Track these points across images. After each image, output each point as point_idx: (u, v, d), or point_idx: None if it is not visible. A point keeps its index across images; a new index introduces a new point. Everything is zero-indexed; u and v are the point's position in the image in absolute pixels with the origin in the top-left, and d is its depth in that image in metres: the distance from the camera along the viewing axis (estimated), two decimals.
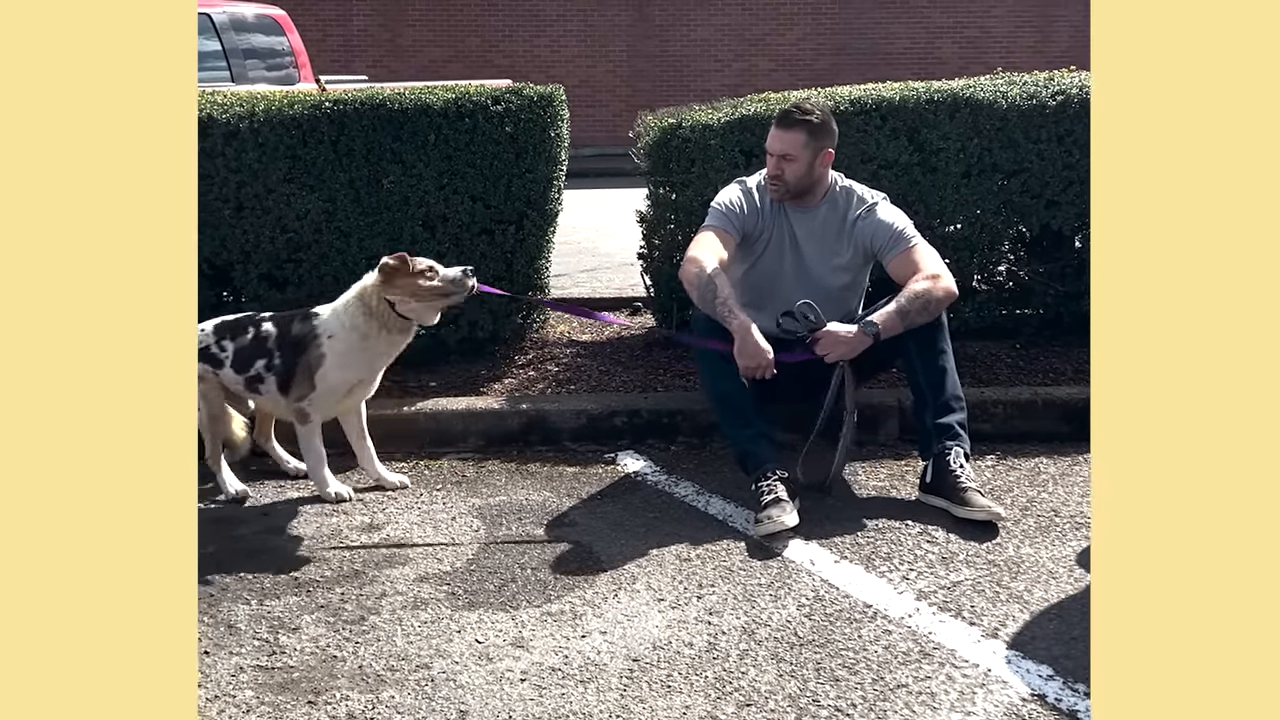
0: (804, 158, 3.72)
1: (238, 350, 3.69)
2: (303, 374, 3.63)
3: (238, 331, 3.72)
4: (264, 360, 3.67)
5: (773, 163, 3.76)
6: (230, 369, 3.69)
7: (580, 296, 6.06)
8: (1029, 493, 3.63)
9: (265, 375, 3.67)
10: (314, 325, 3.66)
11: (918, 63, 15.13)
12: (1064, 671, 2.57)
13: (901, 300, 3.55)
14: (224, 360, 3.69)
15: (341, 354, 3.62)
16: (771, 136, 3.77)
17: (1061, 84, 4.75)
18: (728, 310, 3.51)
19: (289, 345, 3.66)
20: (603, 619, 2.88)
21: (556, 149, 4.80)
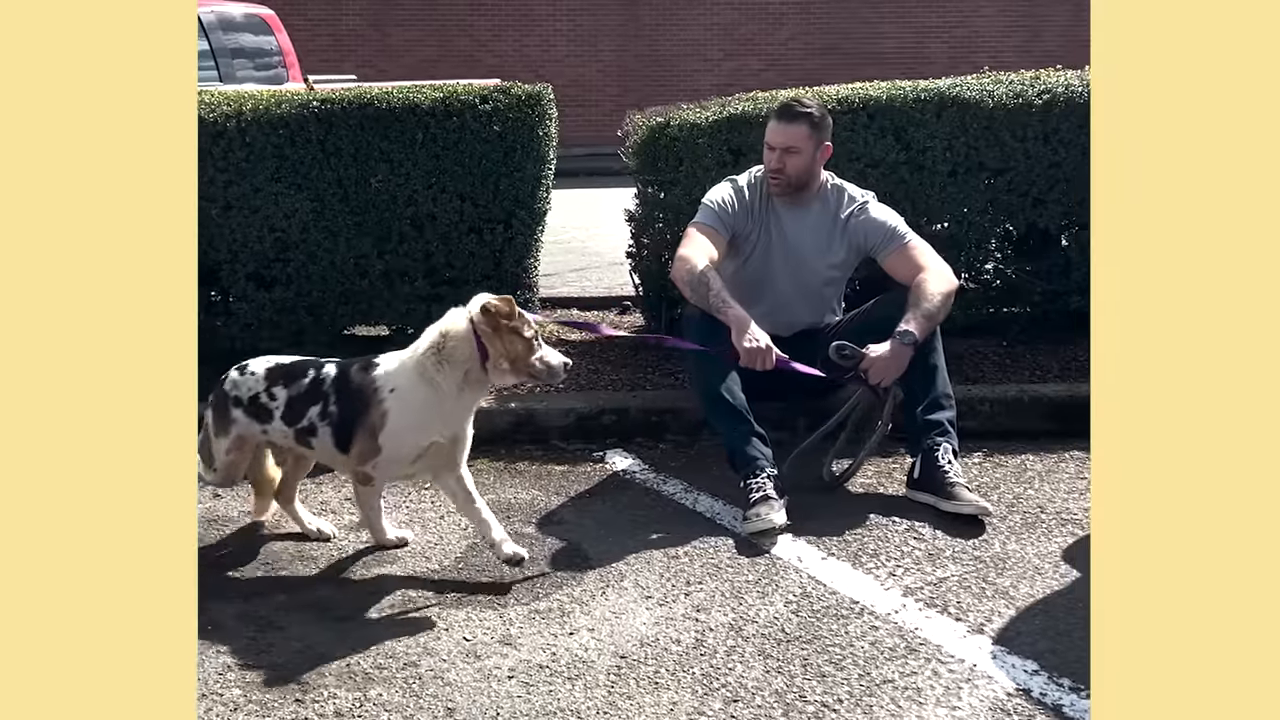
0: (807, 151, 3.75)
1: (291, 399, 3.15)
2: (365, 434, 3.07)
3: (292, 377, 3.19)
4: (318, 407, 3.12)
5: (774, 156, 3.76)
6: (280, 421, 3.16)
7: (570, 295, 6.06)
8: (1015, 489, 3.65)
9: (319, 425, 3.12)
10: (373, 377, 3.09)
11: (907, 62, 15.13)
12: (1049, 666, 2.59)
13: (925, 304, 3.57)
14: (274, 411, 3.16)
15: (410, 411, 3.04)
16: (773, 130, 3.78)
17: (1047, 83, 4.77)
18: (722, 303, 3.52)
19: (349, 395, 3.11)
20: (590, 616, 2.89)
21: (545, 148, 4.80)
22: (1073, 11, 16.86)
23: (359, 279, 4.65)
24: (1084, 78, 4.81)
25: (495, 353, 2.99)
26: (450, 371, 3.00)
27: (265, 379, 3.20)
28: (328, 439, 3.13)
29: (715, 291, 3.55)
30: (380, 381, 3.07)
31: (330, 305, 4.67)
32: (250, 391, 3.20)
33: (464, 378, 3.02)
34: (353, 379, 3.12)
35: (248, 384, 3.22)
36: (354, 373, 3.13)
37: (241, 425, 3.22)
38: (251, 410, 3.20)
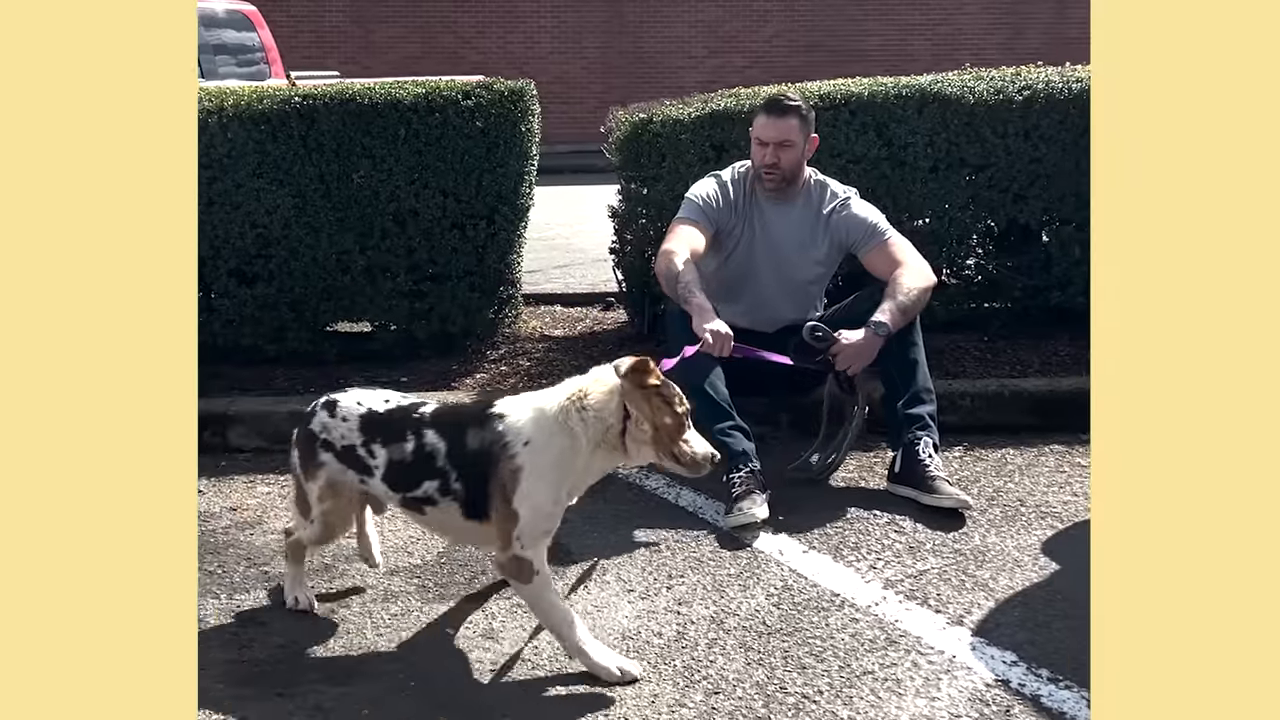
0: (799, 144, 3.78)
1: (393, 463, 2.73)
2: (498, 498, 2.62)
3: (392, 436, 2.74)
4: (437, 482, 2.69)
5: (768, 151, 3.77)
6: (382, 481, 2.75)
7: (554, 292, 6.07)
8: (995, 483, 3.67)
9: (439, 498, 2.70)
10: (500, 431, 2.64)
11: (890, 59, 15.19)
12: (1027, 657, 2.60)
13: (900, 298, 3.59)
14: (374, 470, 2.75)
15: (548, 466, 2.60)
16: (764, 125, 3.78)
17: (1028, 79, 4.79)
18: (688, 291, 3.53)
19: (472, 460, 2.65)
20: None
21: (528, 144, 4.80)
22: (1055, 9, 16.95)
23: (341, 275, 4.65)
24: (1065, 74, 4.83)
25: (639, 416, 2.61)
26: (592, 426, 2.60)
27: (361, 431, 2.77)
28: (453, 509, 2.69)
29: (684, 283, 3.55)
30: (510, 436, 2.62)
31: (312, 301, 4.67)
32: (343, 440, 2.77)
33: (601, 437, 2.63)
34: (470, 442, 2.65)
35: (339, 430, 2.78)
36: (471, 434, 2.66)
37: (333, 470, 2.78)
38: (346, 458, 2.78)
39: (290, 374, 4.59)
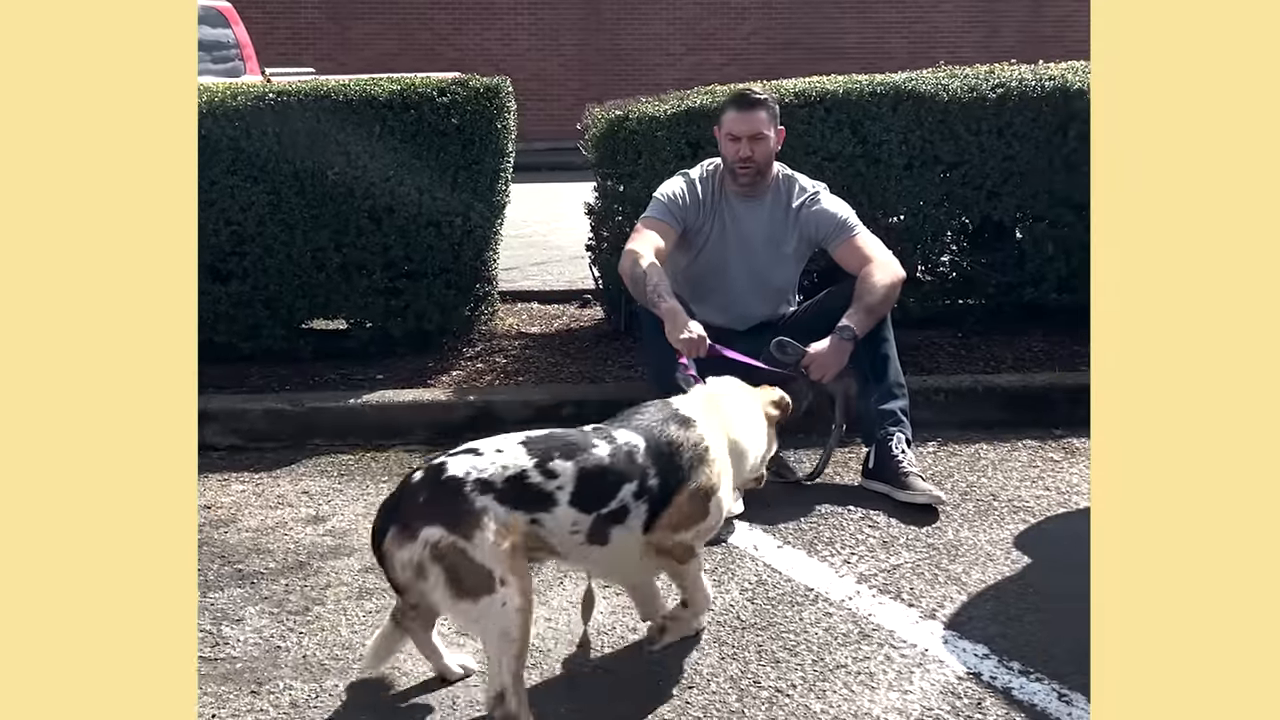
0: (770, 135, 3.78)
1: (583, 475, 2.38)
2: (695, 502, 2.52)
3: (573, 449, 2.41)
4: (634, 484, 2.44)
5: (741, 145, 3.77)
6: (570, 506, 2.36)
7: (531, 289, 6.07)
8: (969, 478, 3.70)
9: (633, 505, 2.43)
10: (701, 434, 2.57)
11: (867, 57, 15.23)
12: (999, 650, 2.63)
13: (867, 298, 3.60)
14: (558, 497, 2.35)
15: (728, 474, 2.63)
16: (736, 120, 3.78)
17: (1001, 77, 4.82)
18: (658, 296, 3.52)
19: (669, 458, 2.50)
20: (548, 606, 2.90)
21: (504, 141, 4.80)
22: (1030, 7, 17.04)
23: (316, 272, 4.63)
24: (1037, 72, 4.87)
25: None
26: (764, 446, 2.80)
27: (529, 454, 2.37)
28: (638, 522, 2.46)
29: (652, 286, 3.54)
30: (709, 440, 2.58)
31: (287, 298, 4.65)
32: (506, 470, 2.33)
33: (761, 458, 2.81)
34: (675, 437, 2.53)
35: (494, 462, 2.34)
36: (674, 430, 2.54)
37: (499, 514, 2.29)
38: (510, 494, 2.32)
39: (265, 372, 4.57)
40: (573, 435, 2.47)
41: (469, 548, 2.22)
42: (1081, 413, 4.18)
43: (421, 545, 2.24)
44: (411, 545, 2.25)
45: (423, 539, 2.24)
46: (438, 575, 2.24)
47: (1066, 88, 4.72)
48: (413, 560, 2.25)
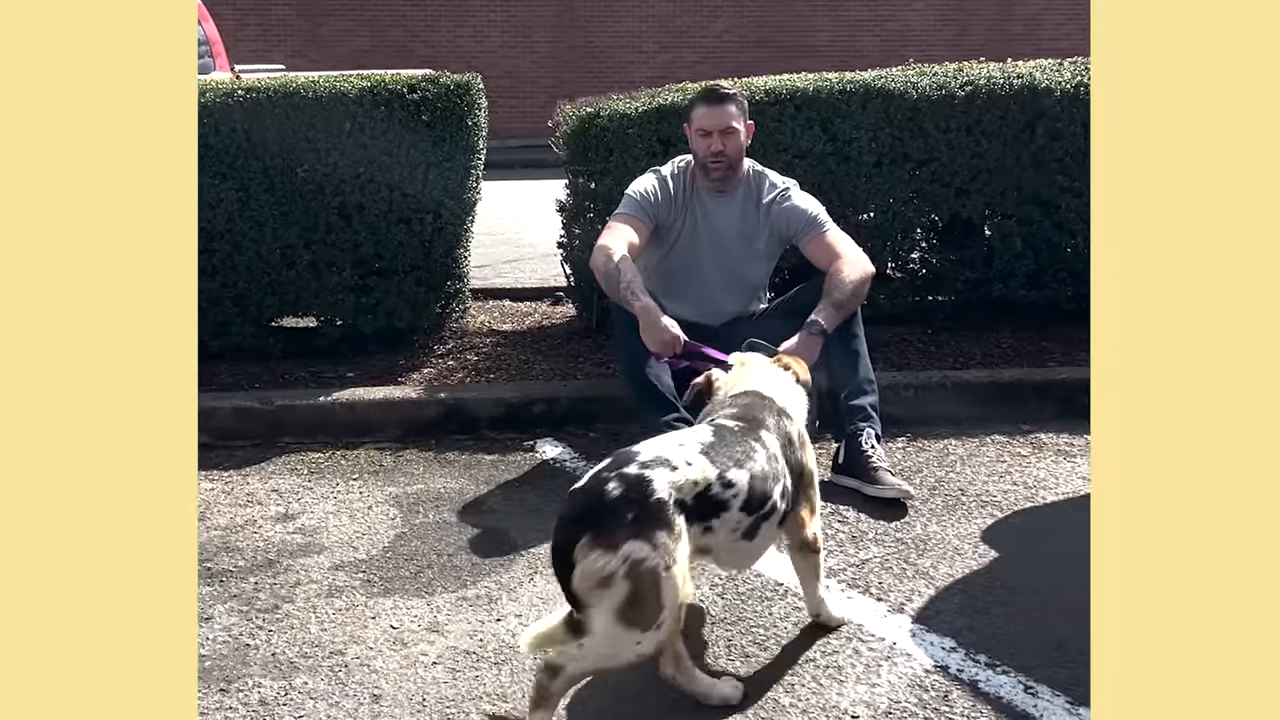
0: (741, 130, 3.80)
1: (752, 482, 2.41)
2: (811, 487, 2.68)
3: (743, 458, 2.43)
4: (781, 484, 2.50)
5: (713, 140, 3.78)
6: (740, 511, 2.39)
7: (503, 287, 6.05)
8: (937, 473, 3.73)
9: (780, 503, 2.50)
10: (793, 419, 2.69)
11: (839, 55, 15.29)
12: (966, 644, 2.65)
13: (836, 294, 3.61)
14: (731, 504, 2.37)
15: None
16: (706, 115, 3.79)
17: (969, 75, 4.85)
18: (631, 294, 3.53)
19: (790, 451, 2.60)
20: (518, 603, 2.90)
21: (474, 138, 4.79)
22: (1000, 6, 17.14)
23: (286, 269, 4.61)
24: (1005, 70, 4.90)
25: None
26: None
27: (713, 465, 2.36)
28: (778, 516, 2.52)
29: (625, 284, 3.55)
30: (800, 425, 2.69)
31: (256, 296, 4.63)
32: (697, 486, 2.31)
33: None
34: (788, 431, 2.62)
35: (688, 476, 2.30)
36: (785, 424, 2.63)
37: (688, 537, 2.28)
38: (696, 509, 2.31)
39: (234, 370, 4.55)
40: (737, 442, 2.46)
41: (663, 579, 2.18)
42: (1050, 408, 4.24)
43: (621, 559, 2.16)
44: (609, 556, 2.15)
45: (624, 553, 2.16)
46: (621, 593, 2.17)
47: (1034, 86, 4.76)
48: (604, 571, 2.16)
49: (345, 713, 2.44)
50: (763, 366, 2.87)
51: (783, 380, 2.81)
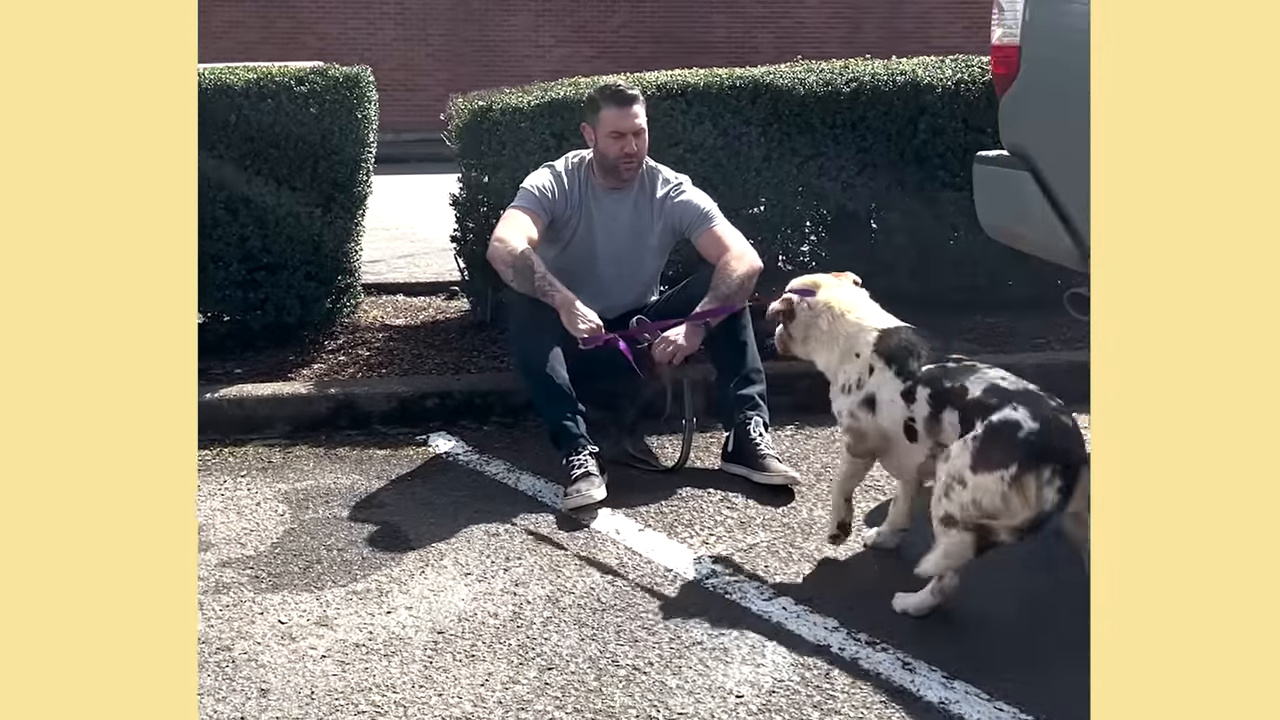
0: (647, 128, 3.85)
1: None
2: None
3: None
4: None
5: (626, 142, 3.80)
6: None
7: (397, 281, 6.01)
8: (824, 459, 3.82)
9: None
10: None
11: (735, 51, 15.44)
12: (848, 623, 2.73)
13: (722, 288, 3.68)
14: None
15: None
16: (618, 117, 3.81)
17: (855, 72, 4.97)
18: (548, 285, 3.58)
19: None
20: (409, 595, 2.91)
21: (364, 131, 4.76)
22: (891, 4, 17.49)
23: None
24: (890, 67, 5.02)
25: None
26: None
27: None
28: None
29: (540, 274, 3.59)
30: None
31: None
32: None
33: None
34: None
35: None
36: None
37: None
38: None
39: None
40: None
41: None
42: None
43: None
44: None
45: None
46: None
47: (917, 82, 4.89)
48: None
49: (233, 707, 2.42)
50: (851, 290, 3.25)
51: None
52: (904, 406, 2.85)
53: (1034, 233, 3.58)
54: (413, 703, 2.42)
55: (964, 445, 2.62)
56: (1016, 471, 2.52)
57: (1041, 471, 2.51)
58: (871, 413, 2.94)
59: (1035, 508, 2.52)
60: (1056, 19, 3.46)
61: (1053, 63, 3.45)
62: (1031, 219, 3.54)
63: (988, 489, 2.55)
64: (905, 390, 2.85)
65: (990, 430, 2.59)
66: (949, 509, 2.61)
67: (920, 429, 2.81)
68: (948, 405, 2.73)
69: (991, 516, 2.57)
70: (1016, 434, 2.56)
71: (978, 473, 2.56)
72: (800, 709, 2.39)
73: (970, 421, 2.65)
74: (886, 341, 2.98)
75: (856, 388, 2.99)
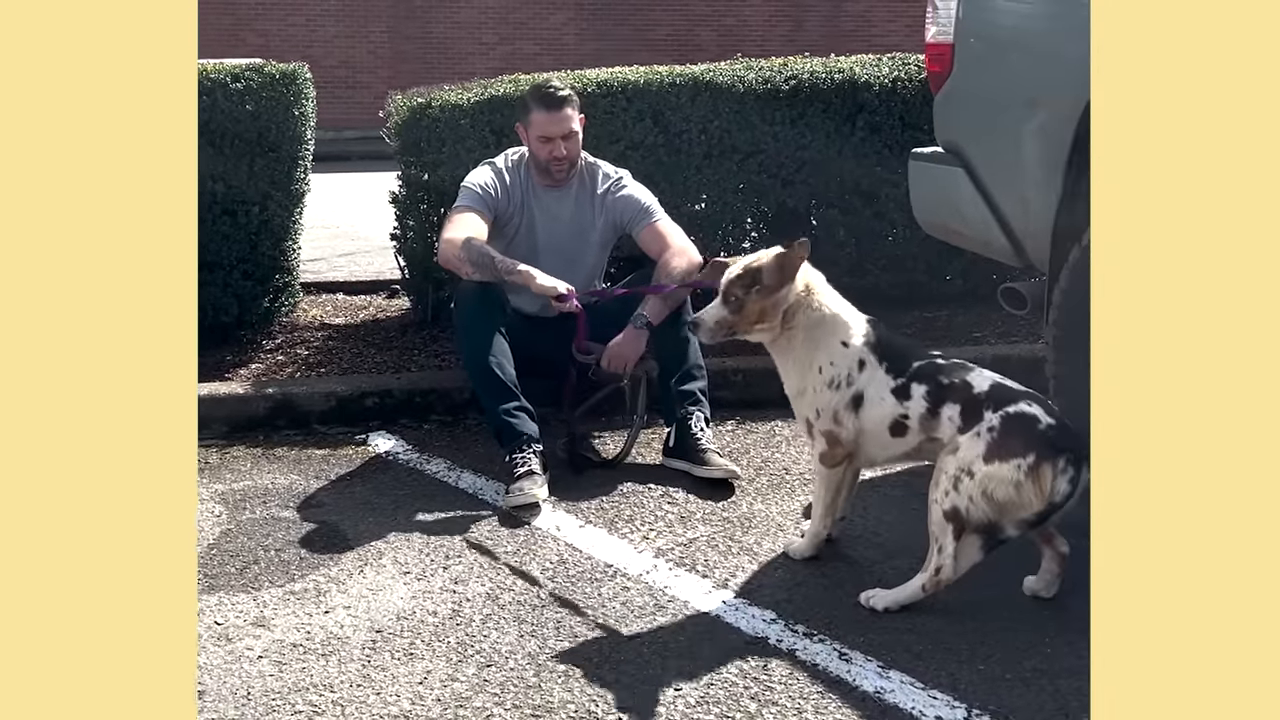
0: (580, 130, 3.84)
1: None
2: None
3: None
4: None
5: (555, 145, 3.79)
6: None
7: (337, 280, 5.97)
8: (764, 453, 3.85)
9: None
10: None
11: (678, 49, 15.48)
12: (785, 615, 2.76)
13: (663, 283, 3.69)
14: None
15: None
16: (549, 121, 3.78)
17: (794, 69, 5.01)
18: (508, 266, 3.60)
19: None
20: (347, 594, 2.89)
21: (302, 128, 4.72)
22: (832, 3, 17.63)
23: None
24: (828, 65, 5.06)
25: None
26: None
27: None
28: None
29: (499, 259, 3.61)
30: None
31: None
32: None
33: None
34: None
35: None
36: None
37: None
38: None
39: None
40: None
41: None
42: None
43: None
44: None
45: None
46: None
47: (855, 80, 4.94)
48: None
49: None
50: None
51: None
52: (895, 403, 2.81)
53: (968, 228, 3.63)
54: (350, 702, 2.41)
55: (976, 437, 2.64)
56: (1034, 461, 2.57)
57: (1057, 461, 2.56)
58: (856, 413, 2.88)
59: (1048, 498, 2.57)
60: (989, 16, 3.51)
61: (985, 60, 3.50)
62: (966, 215, 3.59)
63: (1001, 479, 2.58)
64: (898, 387, 2.82)
65: (1008, 421, 2.63)
66: (956, 502, 2.63)
67: (914, 424, 2.79)
68: (948, 400, 2.73)
69: (1002, 508, 2.60)
70: (1036, 426, 2.61)
71: (990, 463, 2.60)
72: (738, 701, 2.41)
73: (976, 415, 2.67)
74: (877, 334, 2.91)
75: (846, 384, 2.88)
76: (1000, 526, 2.63)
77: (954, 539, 2.66)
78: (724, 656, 2.57)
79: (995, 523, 2.63)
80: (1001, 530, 2.64)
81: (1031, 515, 2.60)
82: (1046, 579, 2.78)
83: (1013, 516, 2.61)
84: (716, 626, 2.71)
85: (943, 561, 2.68)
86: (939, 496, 2.67)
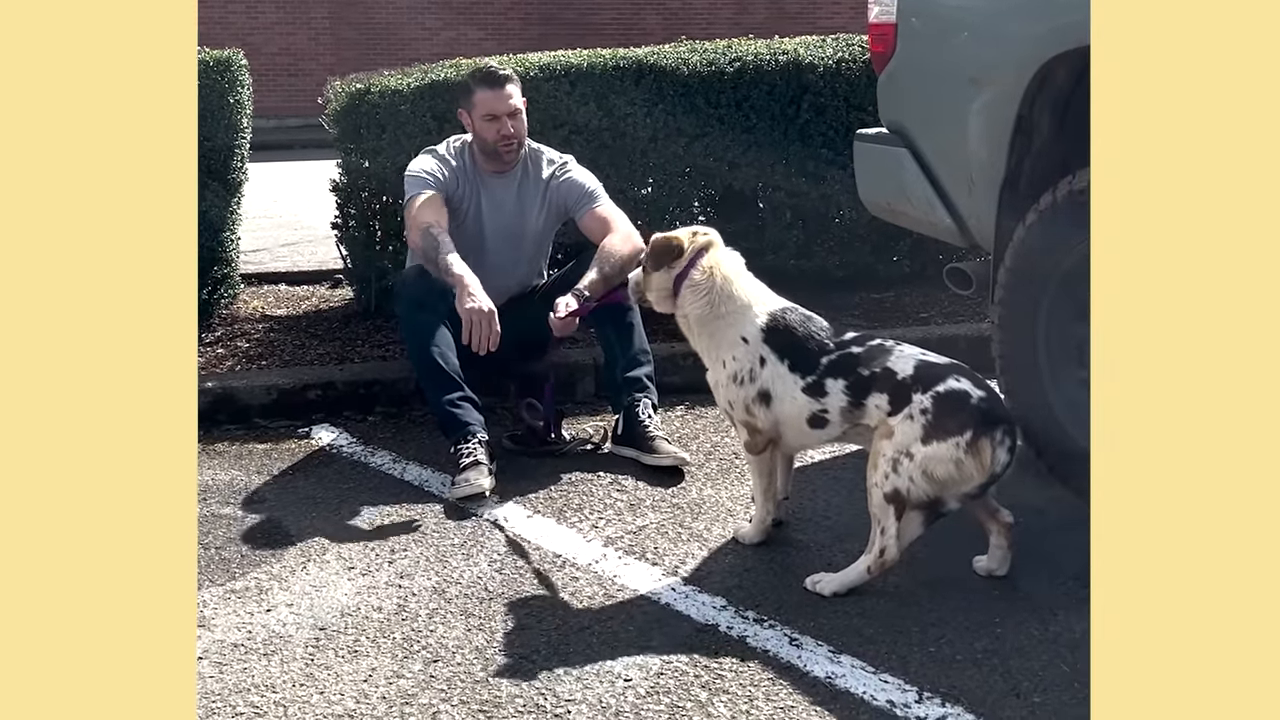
0: (523, 108, 3.78)
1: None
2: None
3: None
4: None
5: (502, 124, 3.73)
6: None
7: (279, 271, 5.86)
8: (713, 439, 3.83)
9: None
10: None
11: (623, 33, 15.40)
12: (736, 601, 2.74)
13: (604, 266, 3.63)
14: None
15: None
16: (493, 99, 3.73)
17: (739, 51, 4.97)
18: (446, 265, 3.46)
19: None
20: (289, 592, 2.83)
21: (238, 116, 4.62)
22: None
23: None
24: (772, 47, 5.04)
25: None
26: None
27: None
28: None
29: (442, 258, 3.48)
30: None
31: None
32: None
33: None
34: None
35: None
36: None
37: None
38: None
39: None
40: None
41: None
42: None
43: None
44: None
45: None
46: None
47: (799, 62, 4.92)
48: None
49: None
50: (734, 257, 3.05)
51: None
52: (810, 400, 2.80)
53: (913, 209, 3.62)
54: (293, 702, 2.36)
55: (909, 419, 2.63)
56: (972, 437, 2.58)
57: (994, 434, 2.59)
58: (767, 407, 2.87)
59: (989, 470, 2.59)
60: None
61: (927, 40, 3.49)
62: (910, 195, 3.58)
63: (941, 458, 2.59)
64: (810, 385, 2.80)
65: (940, 401, 2.62)
66: (897, 484, 2.63)
67: (835, 418, 2.78)
68: (872, 391, 2.72)
69: (943, 485, 2.61)
70: (968, 401, 2.62)
71: (929, 443, 2.60)
72: (689, 689, 2.38)
73: (904, 399, 2.66)
74: (776, 332, 2.87)
75: (750, 380, 2.87)
76: (942, 501, 2.65)
77: (896, 519, 2.66)
78: (674, 645, 2.55)
79: (937, 498, 2.64)
80: (943, 504, 2.65)
81: (973, 488, 2.63)
82: (998, 555, 2.78)
83: (954, 491, 2.63)
84: (667, 615, 2.68)
85: (886, 543, 2.67)
86: (879, 480, 2.66)
